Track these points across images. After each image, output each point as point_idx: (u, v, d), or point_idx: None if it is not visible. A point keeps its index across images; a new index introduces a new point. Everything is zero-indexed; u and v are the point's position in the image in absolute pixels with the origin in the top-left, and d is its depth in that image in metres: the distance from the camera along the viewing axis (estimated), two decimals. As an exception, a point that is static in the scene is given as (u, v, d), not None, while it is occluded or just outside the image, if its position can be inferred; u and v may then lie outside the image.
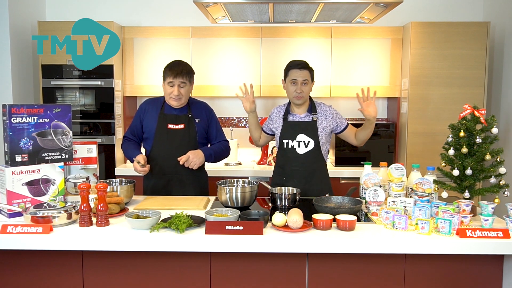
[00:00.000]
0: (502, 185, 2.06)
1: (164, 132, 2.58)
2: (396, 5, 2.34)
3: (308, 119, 2.62)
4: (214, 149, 2.63)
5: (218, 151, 2.64)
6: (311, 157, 2.59)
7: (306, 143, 2.59)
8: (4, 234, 1.79)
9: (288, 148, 2.60)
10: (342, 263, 1.90)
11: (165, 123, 2.59)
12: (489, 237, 1.78)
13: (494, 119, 2.08)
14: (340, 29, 3.69)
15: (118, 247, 1.80)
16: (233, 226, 1.81)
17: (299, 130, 2.60)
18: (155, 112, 2.62)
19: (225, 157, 2.73)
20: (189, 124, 2.60)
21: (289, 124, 2.62)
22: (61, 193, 2.17)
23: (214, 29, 3.68)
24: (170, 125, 2.59)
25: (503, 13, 3.69)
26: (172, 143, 2.57)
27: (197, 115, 2.64)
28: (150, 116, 2.63)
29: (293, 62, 2.60)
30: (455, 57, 3.52)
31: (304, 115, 2.63)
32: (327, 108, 2.66)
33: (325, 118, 2.62)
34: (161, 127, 2.59)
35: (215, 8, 2.45)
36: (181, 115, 2.61)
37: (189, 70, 2.58)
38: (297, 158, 2.60)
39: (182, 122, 2.59)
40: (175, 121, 2.60)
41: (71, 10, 3.98)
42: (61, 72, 3.58)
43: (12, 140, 2.05)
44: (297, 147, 2.59)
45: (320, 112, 2.64)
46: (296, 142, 2.60)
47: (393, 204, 2.08)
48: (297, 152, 2.59)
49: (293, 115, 2.65)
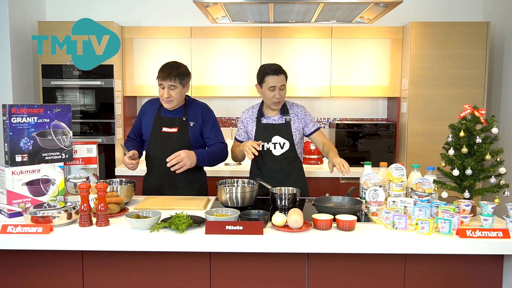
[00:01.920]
0: (502, 185, 2.06)
1: (158, 135, 2.57)
2: (396, 5, 2.34)
3: (282, 120, 2.64)
4: (209, 153, 2.52)
5: (213, 155, 2.53)
6: (287, 158, 2.62)
7: (282, 145, 2.61)
8: (4, 234, 1.79)
9: (264, 150, 2.62)
10: (342, 263, 1.90)
11: (160, 126, 2.58)
12: (489, 237, 1.78)
13: (494, 119, 2.08)
14: (340, 29, 3.69)
15: (118, 247, 1.80)
16: (233, 226, 1.81)
17: (274, 132, 2.62)
18: (152, 114, 2.62)
19: (221, 160, 2.61)
20: (182, 127, 2.56)
21: (264, 127, 2.64)
22: (61, 193, 2.17)
23: (214, 29, 3.68)
24: (164, 128, 2.57)
25: (503, 13, 3.69)
26: (165, 147, 2.53)
27: (192, 118, 2.58)
28: (147, 118, 2.63)
29: (269, 68, 2.57)
30: (455, 57, 3.52)
31: (277, 117, 2.65)
32: (299, 109, 2.69)
33: (298, 119, 2.65)
34: (155, 130, 2.58)
35: (215, 8, 2.45)
36: (176, 118, 2.58)
37: (180, 72, 2.49)
38: (273, 159, 2.62)
39: (176, 126, 2.56)
40: (169, 124, 2.57)
41: (71, 10, 3.98)
42: (61, 72, 3.58)
43: (12, 140, 2.05)
44: (273, 149, 2.62)
45: (292, 113, 2.66)
46: (271, 144, 2.62)
47: (393, 204, 2.08)
48: (273, 153, 2.62)
49: (266, 118, 2.67)
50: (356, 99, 4.06)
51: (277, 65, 2.60)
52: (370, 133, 3.75)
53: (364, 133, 3.74)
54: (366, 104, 4.08)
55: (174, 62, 2.56)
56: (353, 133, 3.74)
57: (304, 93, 3.73)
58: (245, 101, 4.06)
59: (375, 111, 4.09)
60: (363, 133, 3.74)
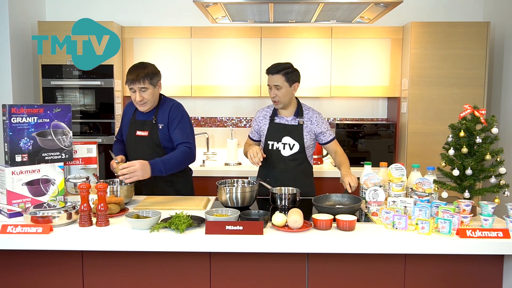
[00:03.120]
0: (502, 185, 2.06)
1: (133, 138, 2.56)
2: (396, 5, 2.34)
3: (294, 122, 2.62)
4: (165, 162, 2.31)
5: (171, 162, 2.33)
6: (296, 160, 2.61)
7: (291, 146, 2.60)
8: (4, 234, 1.79)
9: (273, 149, 2.62)
10: (342, 263, 1.90)
11: (134, 129, 2.56)
12: (489, 237, 1.78)
13: (494, 119, 2.08)
14: (340, 29, 3.69)
15: (118, 247, 1.80)
16: (233, 226, 1.81)
17: (285, 132, 2.61)
18: (129, 117, 2.62)
19: (185, 165, 2.45)
20: (152, 130, 2.51)
21: (275, 126, 2.64)
22: (61, 193, 2.17)
23: (214, 29, 3.68)
24: (138, 132, 2.54)
25: (503, 13, 3.69)
26: (139, 150, 2.50)
27: (161, 120, 2.51)
28: (126, 121, 2.64)
29: (268, 68, 2.59)
30: (455, 57, 3.52)
31: (290, 118, 2.64)
32: (314, 115, 2.65)
33: (311, 124, 2.63)
34: (130, 134, 2.57)
35: (215, 8, 2.45)
36: (147, 121, 2.53)
37: (148, 72, 2.40)
38: (281, 159, 2.61)
39: (147, 129, 2.52)
40: (141, 127, 2.54)
41: (71, 10, 3.98)
42: (61, 72, 3.58)
43: (12, 140, 2.05)
44: (282, 149, 2.61)
45: (306, 117, 2.64)
46: (281, 144, 2.61)
47: (393, 204, 2.08)
48: (282, 154, 2.61)
49: (279, 118, 2.66)
50: (356, 99, 4.06)
51: (275, 65, 2.58)
52: (370, 133, 3.75)
53: (364, 133, 3.74)
54: (366, 104, 4.08)
55: (140, 63, 2.48)
56: (353, 133, 3.74)
57: (304, 93, 3.73)
58: (246, 101, 4.06)
59: (375, 111, 4.10)
60: (363, 133, 3.74)
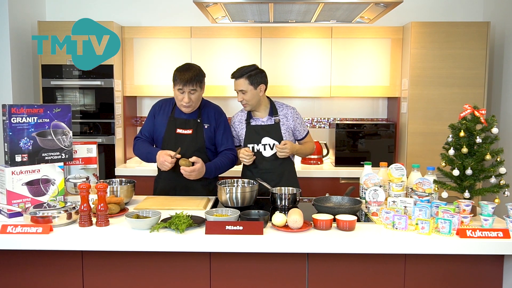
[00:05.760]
0: (502, 185, 2.06)
1: (172, 136, 2.54)
2: (396, 5, 2.34)
3: (271, 122, 2.64)
4: (217, 165, 2.50)
5: (221, 167, 2.52)
6: (277, 159, 2.62)
7: (271, 146, 2.61)
8: (4, 234, 1.79)
9: (254, 152, 2.62)
10: (342, 263, 1.90)
11: (174, 127, 2.55)
12: (489, 237, 1.78)
13: (494, 119, 2.08)
14: (340, 29, 3.69)
15: (118, 247, 1.80)
16: (233, 226, 1.81)
17: (263, 133, 2.62)
18: (165, 115, 2.58)
19: (229, 169, 2.59)
20: (197, 129, 2.54)
21: (253, 129, 2.65)
22: (61, 193, 2.17)
23: (214, 29, 3.68)
24: (178, 130, 2.54)
25: (503, 13, 3.69)
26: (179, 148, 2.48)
27: (207, 120, 2.57)
28: (160, 119, 2.59)
29: (233, 72, 2.60)
30: (455, 57, 3.52)
31: (266, 119, 2.65)
32: (289, 110, 2.67)
33: (287, 120, 2.65)
34: (169, 131, 2.55)
35: (215, 8, 2.45)
36: (191, 120, 2.55)
37: (198, 74, 2.47)
38: (263, 160, 2.63)
39: (191, 128, 2.54)
40: (184, 126, 2.55)
41: (71, 10, 3.98)
42: (61, 72, 3.58)
43: (12, 140, 2.05)
44: (263, 150, 2.62)
45: (281, 114, 2.65)
46: (261, 145, 2.62)
47: (393, 204, 2.08)
48: (263, 155, 2.62)
49: (255, 120, 2.67)
50: (356, 99, 4.06)
51: (239, 68, 2.59)
52: (370, 133, 3.75)
53: (364, 133, 3.74)
54: (366, 104, 4.08)
55: (191, 65, 2.52)
56: (353, 133, 3.74)
57: (304, 93, 3.73)
58: (245, 101, 4.06)
59: (375, 111, 4.09)
60: (363, 133, 3.74)
